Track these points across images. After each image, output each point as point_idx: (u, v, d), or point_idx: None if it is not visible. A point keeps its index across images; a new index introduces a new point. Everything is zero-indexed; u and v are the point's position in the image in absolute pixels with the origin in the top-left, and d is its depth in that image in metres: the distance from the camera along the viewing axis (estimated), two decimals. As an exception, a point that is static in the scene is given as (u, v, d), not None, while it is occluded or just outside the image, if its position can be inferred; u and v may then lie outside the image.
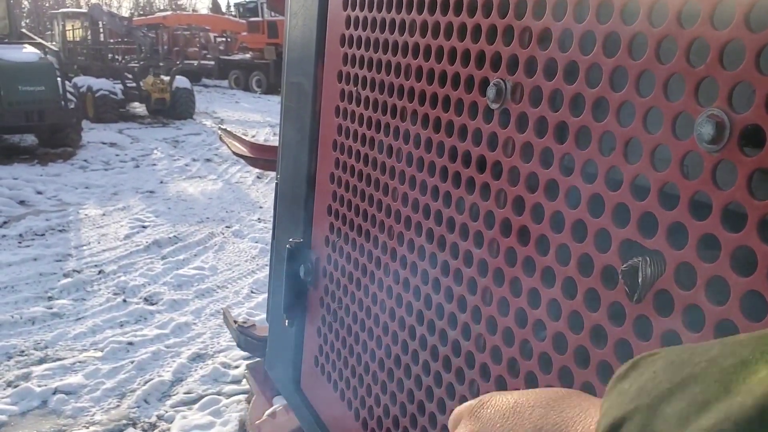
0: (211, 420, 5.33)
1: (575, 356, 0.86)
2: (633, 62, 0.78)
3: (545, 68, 0.91)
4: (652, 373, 0.42)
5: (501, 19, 0.99)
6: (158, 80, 19.33)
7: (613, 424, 0.41)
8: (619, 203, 0.79)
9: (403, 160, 1.27)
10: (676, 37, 0.72)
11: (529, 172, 0.94)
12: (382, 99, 1.34)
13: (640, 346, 0.77)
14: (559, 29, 0.89)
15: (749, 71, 0.65)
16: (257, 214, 10.83)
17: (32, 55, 14.29)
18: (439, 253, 1.15)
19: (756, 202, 0.65)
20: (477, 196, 1.05)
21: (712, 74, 0.69)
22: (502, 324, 1.00)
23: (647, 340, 0.76)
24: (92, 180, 12.76)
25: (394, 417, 1.29)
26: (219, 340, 6.56)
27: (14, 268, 8.05)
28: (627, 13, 0.79)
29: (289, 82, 1.80)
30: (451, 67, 1.12)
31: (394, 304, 1.30)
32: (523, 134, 0.95)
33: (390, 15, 1.30)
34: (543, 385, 0.92)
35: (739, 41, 0.66)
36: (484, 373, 1.05)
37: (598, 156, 0.82)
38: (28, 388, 5.53)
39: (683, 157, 0.72)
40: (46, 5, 54.23)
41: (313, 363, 1.67)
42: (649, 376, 0.42)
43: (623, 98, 0.79)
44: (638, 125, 0.77)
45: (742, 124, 0.66)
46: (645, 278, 0.75)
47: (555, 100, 0.90)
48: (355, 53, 1.45)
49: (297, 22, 1.72)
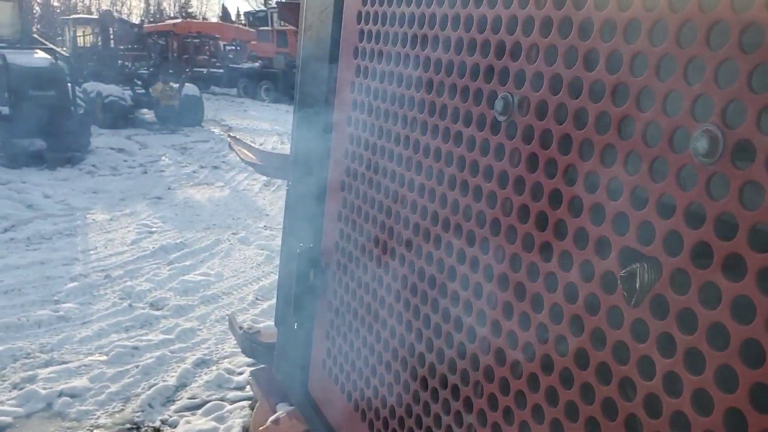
0: (215, 425, 5.35)
1: (576, 358, 0.90)
2: (634, 79, 0.82)
3: (550, 83, 0.96)
4: None
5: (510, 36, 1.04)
6: (167, 87, 19.46)
7: None
8: (620, 212, 0.84)
9: (412, 169, 1.31)
10: (675, 56, 0.77)
11: (534, 182, 0.99)
12: (393, 109, 1.39)
13: (637, 348, 0.81)
14: (565, 46, 0.93)
15: (742, 90, 0.69)
16: (264, 222, 10.88)
17: (43, 60, 14.43)
18: (446, 259, 1.20)
19: (747, 212, 0.69)
20: (484, 204, 1.10)
21: (707, 91, 0.73)
22: (506, 327, 1.04)
23: (644, 342, 0.80)
24: (100, 185, 12.84)
25: (400, 418, 1.33)
26: (224, 346, 6.59)
27: (21, 272, 8.10)
28: (629, 33, 0.83)
29: (302, 92, 1.85)
30: (461, 81, 1.16)
31: (402, 309, 1.34)
32: (529, 145, 1.00)
33: (402, 29, 1.35)
34: (543, 391, 0.96)
35: (733, 61, 0.70)
36: (488, 376, 1.09)
37: (601, 168, 0.87)
38: (33, 390, 5.56)
39: (680, 170, 0.76)
40: (58, 11, 54.65)
41: (321, 366, 1.71)
42: None
43: (624, 113, 0.83)
44: (638, 139, 0.81)
45: (734, 139, 0.70)
46: (642, 283, 0.79)
47: (560, 114, 0.94)
48: (367, 65, 1.49)
49: (311, 34, 1.77)
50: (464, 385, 1.14)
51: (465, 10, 1.15)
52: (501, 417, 1.06)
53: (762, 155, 0.67)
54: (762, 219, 0.67)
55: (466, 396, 1.14)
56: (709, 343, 0.72)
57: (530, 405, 0.99)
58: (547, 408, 0.96)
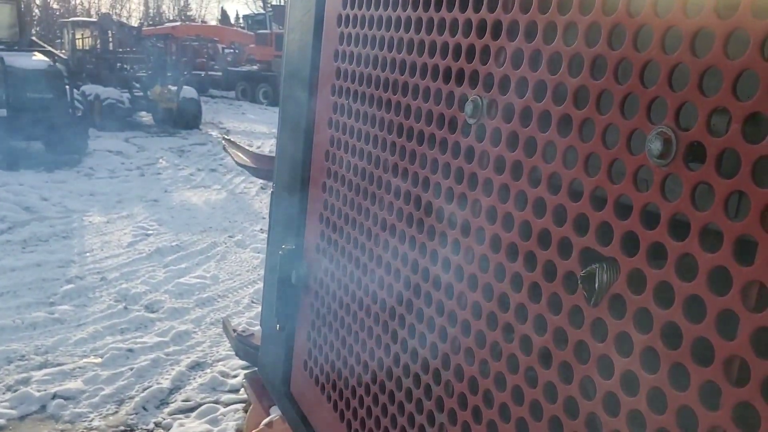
0: (209, 428, 5.36)
1: (540, 357, 0.91)
2: (594, 82, 0.83)
3: (516, 87, 0.97)
4: None
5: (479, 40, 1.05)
6: (166, 90, 19.50)
7: None
8: (580, 213, 0.85)
9: (389, 171, 1.32)
10: (631, 60, 0.78)
11: (501, 183, 1.00)
12: (371, 112, 1.40)
13: (597, 347, 0.82)
14: (530, 50, 0.94)
15: (694, 92, 0.71)
16: (260, 225, 10.90)
17: (41, 62, 14.46)
18: (420, 260, 1.21)
19: (698, 213, 0.70)
20: (455, 206, 1.11)
21: (662, 94, 0.74)
22: (486, 335, 1.05)
23: (603, 341, 0.81)
24: (97, 187, 12.86)
25: (376, 417, 1.34)
26: (218, 349, 6.60)
27: (17, 273, 8.11)
28: (590, 38, 0.84)
29: (286, 93, 1.86)
30: (434, 84, 1.18)
31: (379, 310, 1.35)
32: (497, 148, 1.01)
33: (380, 33, 1.36)
34: (510, 386, 0.97)
35: (685, 65, 0.72)
36: (457, 376, 1.10)
37: (563, 169, 0.88)
38: (27, 392, 5.57)
39: (636, 171, 0.77)
40: (57, 14, 54.71)
41: (302, 366, 1.72)
42: None
43: (585, 116, 0.84)
44: (598, 141, 0.82)
45: (687, 141, 0.71)
46: (601, 283, 0.80)
47: (525, 117, 0.95)
48: (347, 68, 1.51)
49: (294, 36, 1.79)
50: (436, 385, 1.15)
51: (438, 13, 1.16)
52: (471, 417, 1.07)
53: (712, 157, 0.68)
54: (713, 219, 0.68)
55: (437, 395, 1.15)
56: (664, 342, 0.73)
57: (498, 404, 1.00)
58: (514, 407, 0.97)
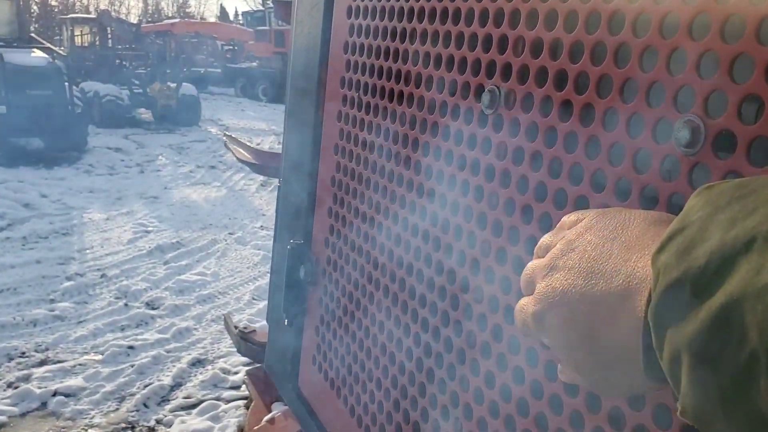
0: (210, 425, 5.35)
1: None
2: (618, 70, 0.82)
3: (536, 76, 0.96)
4: (719, 190, 0.46)
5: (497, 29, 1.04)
6: (165, 87, 19.46)
7: (675, 230, 0.46)
8: (603, 204, 0.83)
9: (401, 164, 1.31)
10: (657, 47, 0.77)
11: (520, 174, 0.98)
12: (383, 104, 1.38)
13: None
14: (550, 39, 0.93)
15: (724, 80, 0.69)
16: (260, 222, 10.88)
17: (40, 59, 14.42)
18: (433, 254, 1.19)
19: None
20: (471, 199, 1.09)
21: (689, 82, 0.73)
22: (502, 328, 1.04)
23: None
24: (97, 184, 12.83)
25: (388, 413, 1.33)
26: (219, 345, 6.59)
27: (17, 270, 8.09)
28: (613, 25, 0.83)
29: (294, 87, 1.85)
30: (448, 74, 1.16)
31: (391, 304, 1.33)
32: (515, 138, 0.99)
33: (392, 24, 1.35)
34: (529, 381, 0.95)
35: (714, 52, 0.70)
36: (473, 370, 1.09)
37: (584, 159, 0.86)
38: (28, 389, 5.55)
39: (663, 160, 0.76)
40: (56, 10, 54.59)
41: (311, 362, 1.71)
42: (717, 191, 0.46)
43: (608, 104, 0.83)
44: (622, 130, 0.81)
45: (715, 130, 0.70)
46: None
47: (545, 106, 0.94)
48: (357, 60, 1.49)
49: (302, 29, 1.77)
50: (450, 380, 1.14)
51: (452, 3, 1.15)
52: (487, 412, 1.06)
53: (743, 146, 0.67)
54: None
55: (452, 390, 1.14)
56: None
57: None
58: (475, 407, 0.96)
